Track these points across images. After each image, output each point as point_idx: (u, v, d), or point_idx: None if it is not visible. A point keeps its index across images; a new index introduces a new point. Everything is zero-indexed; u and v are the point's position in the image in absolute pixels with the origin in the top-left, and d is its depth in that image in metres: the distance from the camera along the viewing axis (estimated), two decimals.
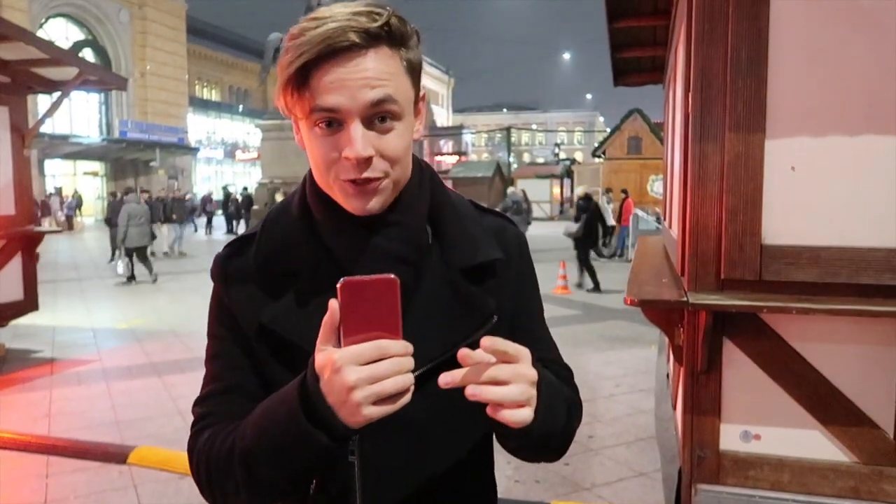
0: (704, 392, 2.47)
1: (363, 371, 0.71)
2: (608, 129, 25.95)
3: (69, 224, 25.57)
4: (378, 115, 0.82)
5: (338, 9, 0.81)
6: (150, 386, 5.77)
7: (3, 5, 28.03)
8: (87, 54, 32.93)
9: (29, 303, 6.99)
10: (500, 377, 0.76)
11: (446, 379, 0.75)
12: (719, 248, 2.34)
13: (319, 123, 0.82)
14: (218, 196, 30.81)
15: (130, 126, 34.73)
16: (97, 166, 35.25)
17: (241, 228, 23.73)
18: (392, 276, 0.74)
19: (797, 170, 2.27)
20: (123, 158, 35.06)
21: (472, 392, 0.75)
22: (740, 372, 2.43)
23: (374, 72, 0.80)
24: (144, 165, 35.90)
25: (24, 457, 4.26)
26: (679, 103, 3.23)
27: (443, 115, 69.02)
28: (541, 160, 60.85)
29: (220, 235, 24.42)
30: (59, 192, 28.88)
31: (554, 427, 0.88)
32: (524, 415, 0.78)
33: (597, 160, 25.91)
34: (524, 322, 1.02)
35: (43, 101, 23.62)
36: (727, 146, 2.31)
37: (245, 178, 45.25)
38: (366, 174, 0.82)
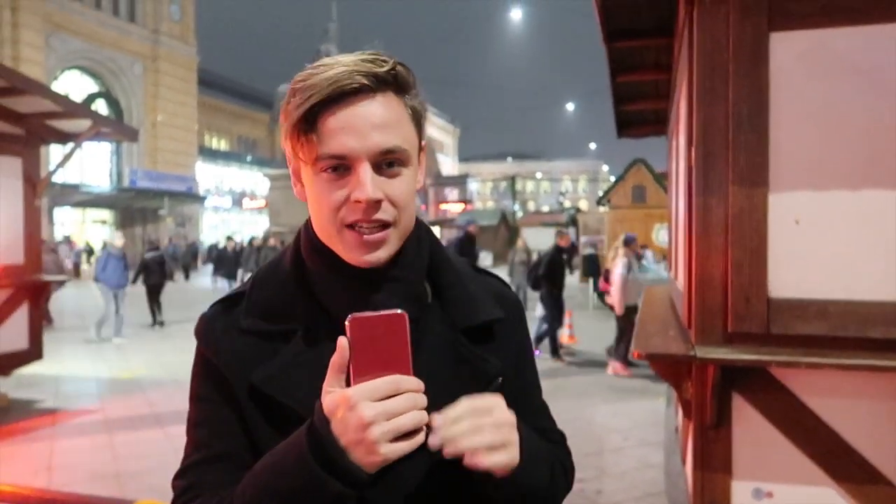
0: (714, 448, 2.43)
1: (379, 406, 0.69)
2: (612, 178, 26.16)
3: (76, 272, 25.67)
4: (386, 161, 0.81)
5: (343, 56, 0.82)
6: (152, 437, 5.70)
7: (20, 59, 28.79)
8: (101, 105, 33.65)
9: (33, 352, 6.98)
10: (474, 425, 0.75)
11: (433, 441, 0.74)
12: (725, 301, 2.34)
13: (326, 169, 0.81)
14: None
15: (140, 175, 35.17)
16: (106, 214, 35.60)
17: (246, 275, 23.77)
18: (400, 311, 0.73)
19: (801, 223, 2.29)
20: (132, 207, 35.42)
21: (446, 447, 0.74)
22: (750, 427, 2.40)
23: (383, 117, 0.80)
24: (153, 214, 36.24)
25: None
26: (682, 155, 3.27)
27: (448, 164, 69.80)
28: (545, 208, 61.20)
29: (225, 284, 24.45)
30: (67, 240, 29.09)
31: (539, 479, 0.86)
32: (501, 457, 0.76)
33: (601, 209, 26.05)
34: (523, 389, 1.00)
35: (55, 150, 24.05)
36: (731, 199, 2.33)
37: (252, 226, 45.58)
38: (374, 217, 0.80)
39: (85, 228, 34.10)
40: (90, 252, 28.41)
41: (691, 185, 2.54)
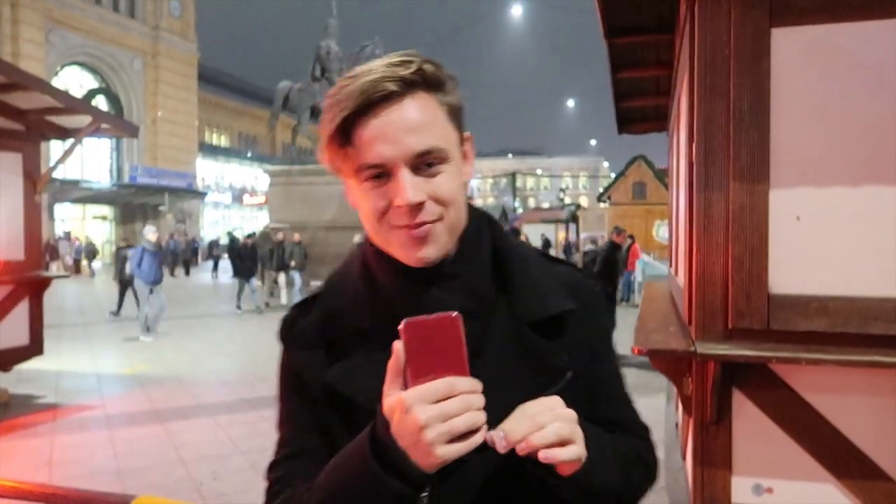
0: (715, 444, 2.43)
1: (433, 409, 0.70)
2: (613, 175, 26.18)
3: (76, 268, 25.68)
4: (424, 162, 0.81)
5: (374, 63, 0.82)
6: (153, 434, 5.71)
7: (20, 55, 28.76)
8: (100, 101, 33.62)
9: (34, 347, 6.99)
10: (540, 422, 0.75)
11: (501, 445, 0.75)
12: (726, 297, 2.34)
13: (367, 178, 0.82)
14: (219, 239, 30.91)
15: (140, 171, 35.19)
16: (106, 210, 35.62)
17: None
18: (454, 313, 0.73)
19: (802, 219, 2.28)
20: (133, 203, 35.44)
21: (519, 446, 0.74)
22: (751, 423, 2.40)
23: (415, 119, 0.80)
24: (153, 210, 36.25)
25: None
26: (683, 152, 3.26)
27: None
28: (546, 205, 61.15)
29: (227, 279, 24.47)
30: (67, 235, 29.10)
31: (608, 476, 0.85)
32: (572, 451, 0.76)
33: (602, 205, 26.04)
34: (601, 379, 0.98)
35: (55, 147, 24.01)
36: (732, 196, 2.33)
37: (252, 222, 45.59)
38: (419, 218, 0.81)
39: (85, 225, 34.10)
40: (93, 253, 28.32)
41: (692, 181, 2.53)
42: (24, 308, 6.85)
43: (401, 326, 0.73)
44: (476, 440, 0.72)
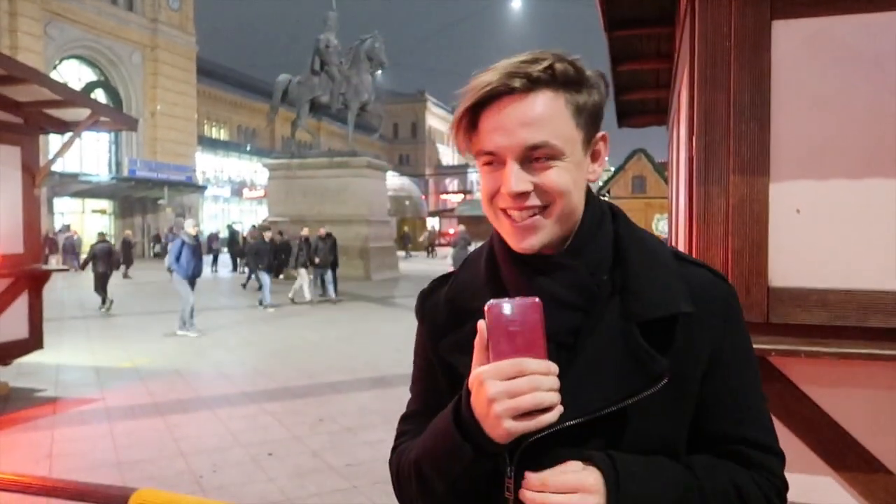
0: None
1: (501, 385, 0.76)
2: (612, 169, 26.23)
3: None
4: (535, 156, 0.86)
5: (510, 59, 0.87)
6: (152, 426, 5.72)
7: (18, 48, 28.66)
8: (99, 95, 33.51)
9: (34, 341, 6.99)
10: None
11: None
12: None
13: (485, 163, 0.89)
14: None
15: (140, 165, 35.11)
16: (105, 204, 35.56)
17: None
18: (536, 299, 0.79)
19: (802, 212, 2.28)
20: (132, 197, 35.38)
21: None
22: None
23: (532, 115, 0.85)
24: (153, 203, 36.20)
25: (24, 499, 4.19)
26: (683, 145, 3.26)
27: (448, 155, 69.66)
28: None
29: (227, 273, 24.46)
30: (67, 229, 29.06)
31: None
32: None
33: (601, 199, 26.04)
34: (721, 391, 0.93)
35: (54, 140, 23.97)
36: (732, 189, 2.33)
37: (252, 215, 45.54)
38: (522, 204, 0.87)
39: (84, 218, 34.06)
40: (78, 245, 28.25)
41: (692, 174, 2.53)
42: (24, 302, 6.85)
43: (486, 307, 0.79)
44: (546, 419, 0.77)
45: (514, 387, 0.76)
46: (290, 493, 4.27)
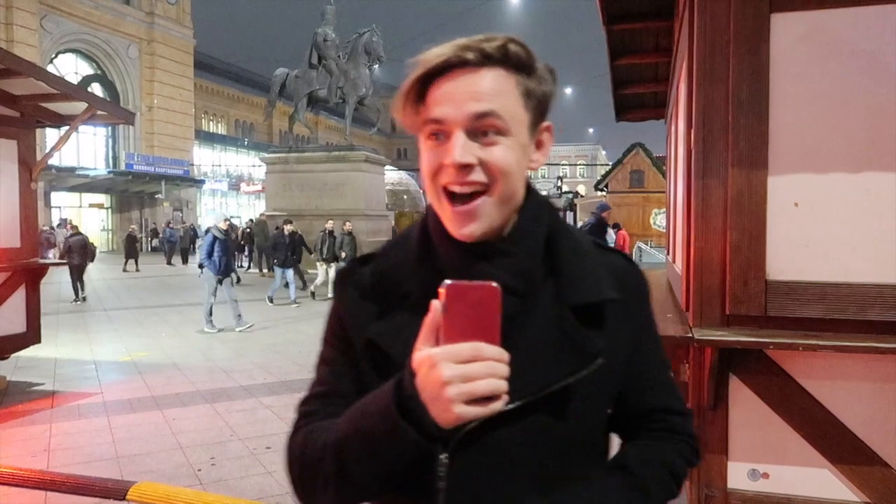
0: (711, 429, 2.44)
1: (457, 369, 0.74)
2: (610, 163, 26.15)
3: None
4: (482, 129, 0.84)
5: (462, 39, 0.86)
6: (151, 420, 5.72)
7: (14, 41, 28.54)
8: (96, 89, 33.37)
9: (32, 335, 6.98)
10: None
11: None
12: (724, 283, 2.34)
13: (430, 135, 0.87)
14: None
15: (137, 159, 35.04)
16: (103, 198, 35.49)
17: (244, 261, 23.75)
18: (494, 284, 0.76)
19: (801, 206, 2.28)
20: (129, 191, 35.31)
21: None
22: (747, 409, 2.41)
23: (482, 87, 0.84)
24: (150, 198, 36.14)
25: (22, 493, 4.20)
26: (681, 139, 3.26)
27: None
28: (544, 193, 61.04)
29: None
30: (64, 223, 29.00)
31: None
32: None
33: (599, 193, 26.03)
34: (642, 365, 1.01)
35: (51, 134, 23.89)
36: (730, 182, 2.33)
37: (249, 209, 45.48)
38: (467, 178, 0.84)
39: (82, 213, 34.00)
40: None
41: (690, 167, 2.53)
42: (21, 296, 6.84)
43: (442, 287, 0.76)
44: (495, 407, 0.75)
45: (470, 371, 0.74)
46: (288, 486, 4.27)
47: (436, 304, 0.77)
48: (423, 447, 0.78)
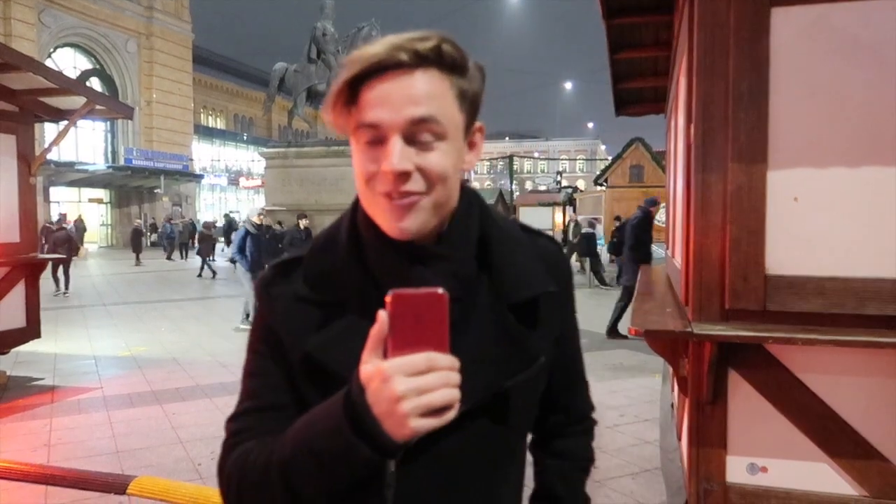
0: (710, 423, 2.45)
1: (412, 382, 0.70)
2: (610, 158, 26.10)
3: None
4: (419, 133, 0.81)
5: (394, 35, 0.83)
6: (151, 415, 5.73)
7: (12, 36, 28.45)
8: (95, 83, 33.29)
9: (31, 330, 6.98)
10: None
11: None
12: (723, 278, 2.34)
13: (364, 139, 0.83)
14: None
15: (136, 154, 34.98)
16: (102, 193, 35.46)
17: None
18: (441, 290, 0.74)
19: (800, 200, 2.28)
20: (128, 185, 35.27)
21: None
22: (746, 403, 2.42)
23: (419, 90, 0.81)
24: (149, 192, 36.09)
25: (22, 487, 4.21)
26: (681, 133, 3.25)
27: None
28: (543, 188, 61.08)
29: (222, 262, 24.44)
30: (63, 218, 28.98)
31: None
32: None
33: (599, 188, 26.02)
34: (564, 359, 1.03)
35: (49, 129, 23.83)
36: (730, 177, 2.32)
37: (249, 204, 45.45)
38: (404, 188, 0.81)
39: (81, 208, 33.96)
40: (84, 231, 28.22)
41: (690, 162, 2.53)
42: (21, 291, 6.84)
43: (388, 297, 0.73)
44: (449, 416, 0.72)
45: (424, 383, 0.70)
46: None
47: (382, 315, 0.73)
48: (377, 463, 0.75)
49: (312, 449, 0.78)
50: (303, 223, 13.90)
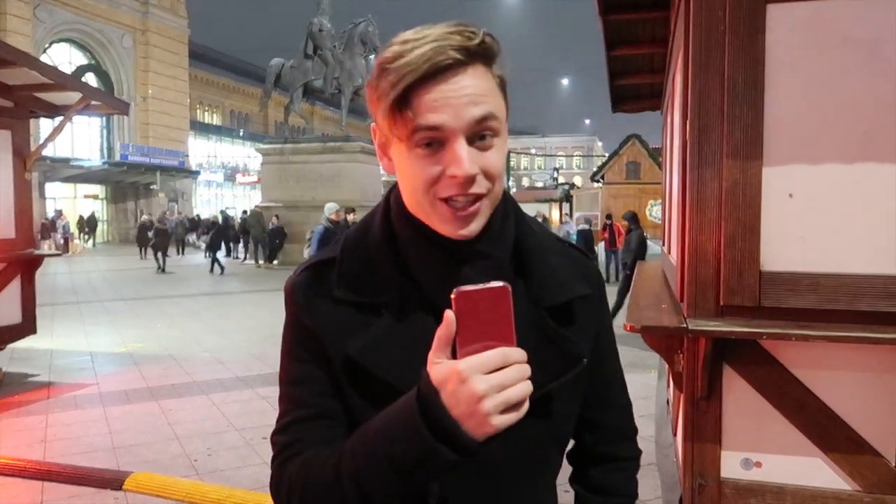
0: (705, 419, 2.46)
1: (492, 379, 0.70)
2: (607, 154, 26.16)
3: (66, 247, 25.51)
4: (479, 133, 0.80)
5: (429, 30, 0.80)
6: (147, 411, 5.73)
7: (7, 31, 28.32)
8: (90, 79, 33.15)
9: (27, 326, 6.97)
10: None
11: None
12: (718, 274, 2.35)
13: (421, 144, 0.80)
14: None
15: (132, 150, 34.88)
16: (97, 189, 35.36)
17: (240, 252, 23.73)
18: (504, 283, 0.73)
19: (795, 197, 2.29)
20: (124, 182, 35.17)
21: None
22: (741, 399, 2.43)
23: (475, 88, 0.79)
24: (145, 189, 36.00)
25: (18, 483, 4.21)
26: (677, 130, 3.26)
27: None
28: (540, 184, 61.06)
29: (220, 258, 24.39)
30: (60, 214, 28.91)
31: None
32: None
33: (595, 185, 26.04)
34: (607, 382, 1.03)
35: (45, 125, 23.72)
36: (725, 173, 2.33)
37: (245, 201, 45.36)
38: (471, 190, 0.80)
39: (76, 204, 33.87)
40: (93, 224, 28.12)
41: (685, 158, 2.53)
42: (16, 287, 6.82)
43: (453, 295, 0.73)
44: (525, 409, 0.72)
45: (503, 379, 0.70)
46: None
47: (448, 314, 0.72)
48: (457, 462, 0.73)
49: (390, 456, 0.76)
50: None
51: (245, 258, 22.75)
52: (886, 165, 2.20)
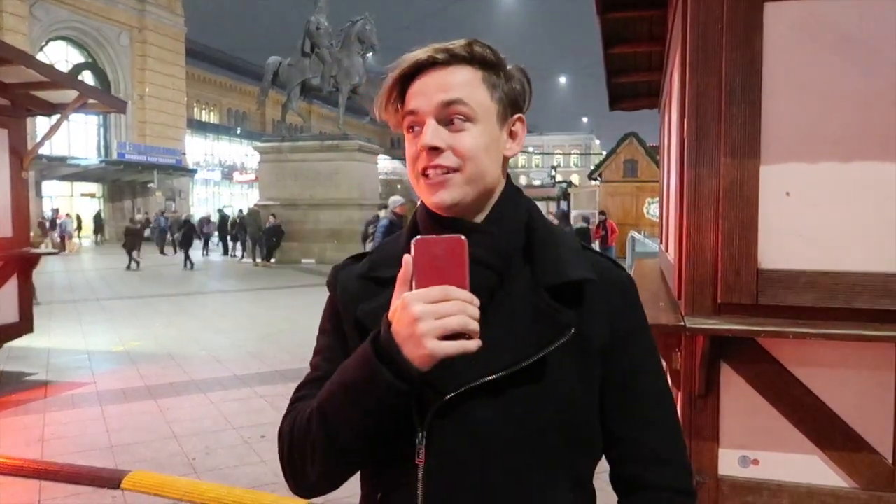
0: (702, 417, 2.46)
1: (428, 306, 0.78)
2: (604, 153, 26.18)
3: (62, 245, 25.45)
4: (449, 117, 0.93)
5: (437, 43, 0.97)
6: (145, 409, 5.72)
7: (3, 29, 28.25)
8: (87, 77, 33.09)
9: (24, 325, 6.96)
10: None
11: None
12: (716, 272, 2.35)
13: (408, 128, 0.96)
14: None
15: (129, 148, 34.80)
16: (94, 188, 35.29)
17: (238, 250, 23.70)
18: (461, 236, 0.82)
19: (792, 195, 2.29)
20: (121, 180, 35.10)
21: None
22: (738, 396, 2.43)
23: (451, 80, 0.93)
24: (142, 187, 35.94)
25: (16, 482, 4.21)
26: (674, 128, 3.26)
27: None
28: (537, 182, 61.09)
29: (218, 257, 24.38)
30: (56, 213, 28.84)
31: None
32: None
33: (593, 183, 26.05)
34: (633, 380, 0.99)
35: (41, 123, 23.69)
36: (722, 171, 2.33)
37: (242, 199, 45.31)
38: (436, 161, 0.92)
39: (73, 202, 33.80)
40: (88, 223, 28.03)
41: (683, 157, 2.53)
42: (13, 285, 6.81)
43: (413, 242, 0.82)
44: (468, 346, 0.79)
45: (440, 308, 0.78)
46: (282, 475, 4.29)
47: (407, 258, 0.83)
48: (399, 388, 0.81)
49: (344, 382, 0.87)
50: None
51: (242, 256, 22.72)
52: (883, 164, 2.20)
